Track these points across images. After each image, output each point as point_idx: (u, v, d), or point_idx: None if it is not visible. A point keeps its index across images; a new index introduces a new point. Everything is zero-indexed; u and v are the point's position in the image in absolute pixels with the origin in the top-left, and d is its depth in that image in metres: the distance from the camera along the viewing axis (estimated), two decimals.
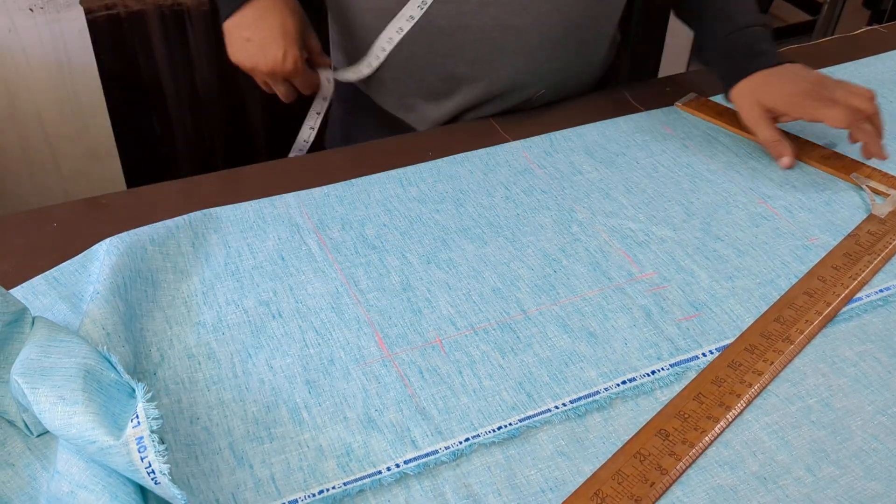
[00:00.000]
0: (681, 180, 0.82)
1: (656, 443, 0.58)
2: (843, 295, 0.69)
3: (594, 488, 0.54)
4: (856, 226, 0.77)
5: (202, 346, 0.63)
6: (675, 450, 0.57)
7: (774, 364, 0.63)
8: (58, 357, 0.52)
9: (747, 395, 0.60)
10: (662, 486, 0.55)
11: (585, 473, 0.55)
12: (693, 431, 0.58)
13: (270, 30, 0.82)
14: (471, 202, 0.79)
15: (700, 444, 0.57)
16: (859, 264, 0.72)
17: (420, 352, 0.63)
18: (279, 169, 0.83)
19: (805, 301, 0.68)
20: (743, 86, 0.85)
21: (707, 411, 0.59)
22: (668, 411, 0.60)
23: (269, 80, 0.85)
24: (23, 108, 1.39)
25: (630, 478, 0.55)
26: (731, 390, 0.61)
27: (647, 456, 0.57)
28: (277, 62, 0.82)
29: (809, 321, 0.66)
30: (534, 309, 0.67)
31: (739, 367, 0.63)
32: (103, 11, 1.36)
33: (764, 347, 0.64)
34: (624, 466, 0.56)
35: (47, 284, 0.66)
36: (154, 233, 0.69)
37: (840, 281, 0.70)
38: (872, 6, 2.20)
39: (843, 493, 0.54)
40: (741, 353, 0.64)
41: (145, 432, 0.48)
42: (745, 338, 0.65)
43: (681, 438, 0.57)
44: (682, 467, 0.56)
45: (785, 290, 0.69)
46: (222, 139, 1.59)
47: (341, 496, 0.53)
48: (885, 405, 0.60)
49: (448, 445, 0.56)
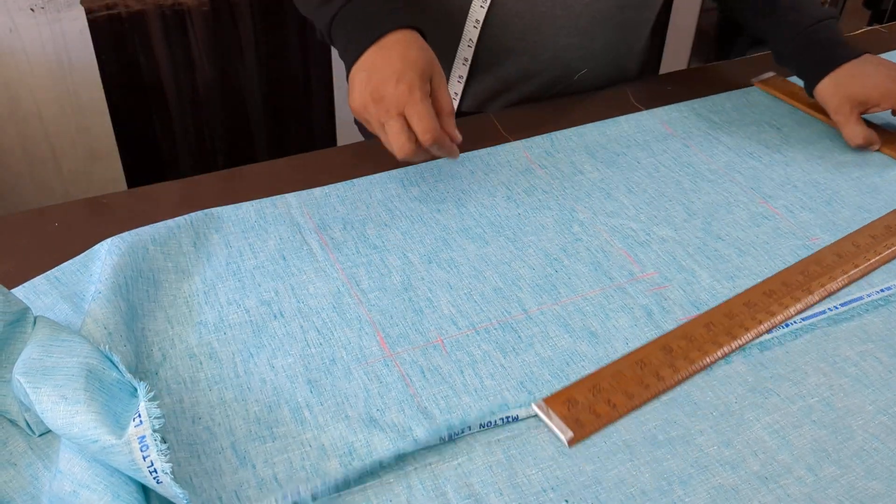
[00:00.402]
0: (682, 180, 0.82)
1: (659, 355, 0.63)
2: (872, 261, 0.71)
3: (593, 382, 0.61)
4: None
5: (204, 345, 0.63)
6: (675, 363, 0.61)
7: (789, 309, 0.66)
8: (60, 356, 0.52)
9: (756, 330, 0.64)
10: (656, 390, 0.60)
11: (587, 473, 0.55)
12: (696, 352, 0.62)
13: (388, 60, 0.71)
14: (472, 202, 0.79)
15: (701, 363, 0.61)
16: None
17: (421, 351, 0.63)
18: (280, 168, 0.83)
19: (833, 261, 0.71)
20: (830, 80, 0.86)
21: (714, 337, 0.63)
22: (676, 332, 0.64)
23: (384, 118, 0.70)
24: (23, 107, 1.39)
25: (627, 378, 0.61)
26: (741, 324, 0.64)
27: (647, 364, 0.62)
28: (389, 88, 0.69)
29: (833, 278, 0.68)
30: (535, 308, 0.67)
31: (754, 307, 0.66)
32: (104, 11, 1.36)
33: (781, 293, 0.67)
34: (624, 369, 0.62)
35: (49, 284, 0.66)
36: (155, 232, 0.70)
37: (874, 248, 0.72)
38: (873, 6, 2.20)
39: (844, 492, 0.54)
40: (759, 295, 0.67)
41: (147, 431, 0.48)
42: (767, 283, 0.69)
43: (683, 355, 0.62)
44: (678, 378, 0.61)
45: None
46: (223, 139, 1.60)
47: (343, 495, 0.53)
48: (887, 405, 0.60)
49: (451, 434, 0.56)
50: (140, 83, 1.46)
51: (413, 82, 0.69)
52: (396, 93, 0.68)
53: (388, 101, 0.69)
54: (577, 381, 0.61)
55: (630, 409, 0.59)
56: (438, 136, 0.69)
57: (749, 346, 0.64)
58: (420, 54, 0.71)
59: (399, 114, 0.69)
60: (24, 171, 1.46)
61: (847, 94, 0.85)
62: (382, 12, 0.73)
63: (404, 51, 0.71)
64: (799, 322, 0.66)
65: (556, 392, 0.60)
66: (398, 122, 0.69)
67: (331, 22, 0.75)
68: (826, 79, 0.87)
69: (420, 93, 0.69)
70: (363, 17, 0.74)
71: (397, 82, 0.68)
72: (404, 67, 0.69)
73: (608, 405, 0.59)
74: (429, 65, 0.71)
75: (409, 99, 0.68)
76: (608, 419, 0.58)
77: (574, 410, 0.59)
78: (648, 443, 0.57)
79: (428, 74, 0.70)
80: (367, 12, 0.74)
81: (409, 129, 0.69)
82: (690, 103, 0.95)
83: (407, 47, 0.71)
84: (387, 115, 0.69)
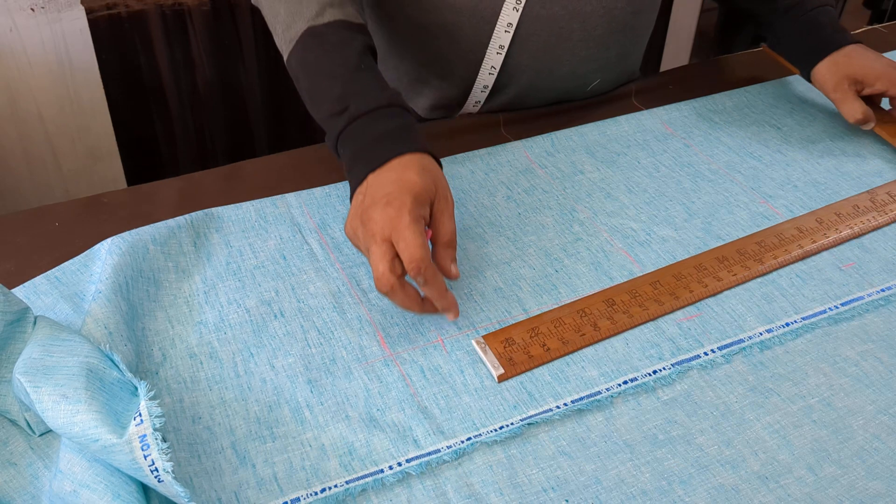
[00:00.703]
0: (682, 180, 0.82)
1: (601, 307, 0.66)
2: (831, 238, 0.72)
3: (533, 325, 0.64)
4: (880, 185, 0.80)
5: (204, 345, 0.63)
6: (614, 317, 0.64)
7: (738, 276, 0.68)
8: (60, 356, 0.52)
9: (700, 293, 0.67)
10: (590, 339, 0.63)
11: (587, 472, 0.55)
12: (637, 308, 0.65)
13: (383, 183, 0.64)
14: (472, 202, 0.79)
15: (640, 319, 0.64)
16: (862, 218, 0.75)
17: (422, 351, 0.63)
18: (280, 164, 0.83)
19: (793, 235, 0.73)
20: (828, 61, 0.88)
21: (657, 296, 0.66)
22: (621, 287, 0.67)
23: (368, 242, 0.63)
24: (24, 107, 1.39)
25: (566, 325, 0.64)
26: (687, 286, 0.67)
27: (587, 314, 0.65)
28: (377, 210, 0.62)
29: (788, 251, 0.70)
30: (535, 308, 0.67)
31: (704, 271, 0.69)
32: (104, 11, 1.36)
33: (734, 261, 0.70)
34: (565, 316, 0.65)
35: (49, 284, 0.66)
36: (156, 232, 0.70)
37: (836, 227, 0.74)
38: (873, 6, 2.20)
39: (844, 492, 0.54)
40: (711, 260, 0.70)
41: (148, 430, 0.48)
42: (721, 249, 0.71)
43: (624, 309, 0.64)
44: (614, 330, 0.64)
45: (786, 289, 0.69)
46: (223, 139, 1.59)
47: (343, 495, 0.53)
48: (887, 405, 0.60)
49: (450, 445, 0.56)
50: (140, 83, 1.46)
51: (403, 205, 0.61)
52: (384, 216, 0.61)
53: (373, 224, 0.62)
54: (518, 323, 0.64)
55: (562, 353, 0.62)
56: (426, 269, 0.60)
57: (749, 346, 0.64)
58: (419, 178, 0.64)
59: (384, 239, 0.61)
60: (24, 170, 1.46)
61: (845, 72, 0.87)
62: (391, 134, 0.67)
63: (402, 173, 0.64)
64: (799, 321, 0.66)
65: (496, 331, 0.64)
66: (381, 248, 0.61)
67: (337, 138, 0.70)
68: (824, 61, 0.89)
69: (409, 217, 0.61)
70: (371, 138, 0.67)
71: (386, 205, 0.62)
72: (397, 190, 0.63)
73: (542, 348, 0.62)
74: (427, 189, 0.64)
75: (397, 223, 0.61)
76: (540, 361, 0.62)
77: (509, 350, 0.62)
78: (649, 442, 0.57)
79: (426, 199, 0.63)
80: (376, 133, 0.67)
81: (396, 257, 0.61)
82: (691, 102, 0.95)
83: (406, 169, 0.64)
84: (371, 239, 0.62)
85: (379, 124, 0.68)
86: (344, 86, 0.69)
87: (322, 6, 0.73)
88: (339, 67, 0.70)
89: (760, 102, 0.96)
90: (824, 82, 0.89)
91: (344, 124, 0.69)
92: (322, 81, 0.71)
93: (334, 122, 0.69)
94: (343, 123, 0.69)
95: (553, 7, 0.81)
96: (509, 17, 0.81)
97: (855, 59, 0.87)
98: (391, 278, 0.60)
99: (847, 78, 0.87)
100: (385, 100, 0.69)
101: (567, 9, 0.81)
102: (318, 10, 0.73)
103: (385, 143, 0.66)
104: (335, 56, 0.71)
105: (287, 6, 0.74)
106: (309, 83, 0.72)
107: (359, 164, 0.67)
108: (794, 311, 0.68)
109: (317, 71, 0.71)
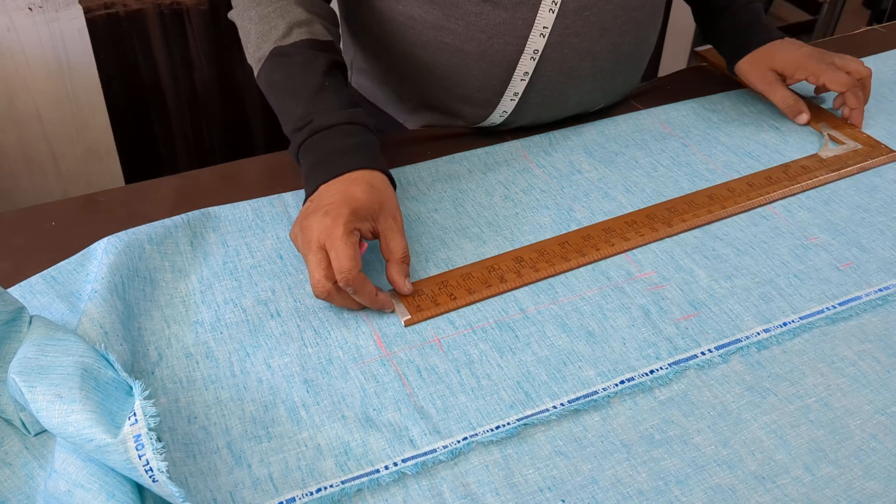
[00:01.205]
0: (680, 179, 0.82)
1: (509, 263, 0.70)
2: (741, 205, 0.76)
3: (442, 279, 0.68)
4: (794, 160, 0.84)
5: (200, 345, 0.63)
6: (521, 271, 0.68)
7: (644, 237, 0.73)
8: (55, 355, 0.52)
9: (606, 251, 0.71)
10: (496, 290, 0.67)
11: (584, 473, 0.55)
12: (544, 263, 0.69)
13: (327, 194, 0.66)
14: (469, 201, 0.78)
15: (545, 273, 0.68)
16: (773, 187, 0.79)
17: (418, 351, 0.63)
18: (277, 163, 0.83)
19: (703, 201, 0.77)
20: (752, 56, 0.92)
21: (564, 254, 0.70)
22: (531, 247, 0.71)
23: (305, 250, 0.65)
24: (22, 107, 1.39)
25: (474, 279, 0.68)
26: (594, 245, 0.71)
27: (495, 269, 0.69)
28: (315, 219, 0.64)
29: (697, 216, 0.75)
30: (532, 308, 0.67)
31: (612, 232, 0.73)
32: (102, 10, 1.36)
33: (641, 224, 0.74)
34: (474, 271, 0.69)
35: (45, 283, 0.66)
36: (152, 231, 0.69)
37: (747, 195, 0.77)
38: (872, 6, 2.20)
39: (841, 492, 0.54)
40: (621, 224, 0.74)
41: (143, 430, 0.48)
42: (632, 215, 0.75)
43: (531, 266, 0.68)
44: (520, 283, 0.67)
45: (784, 289, 0.69)
46: (221, 138, 1.59)
47: (339, 495, 0.53)
48: (884, 404, 0.60)
49: (446, 444, 0.56)
50: (138, 82, 1.46)
51: (339, 216, 0.63)
52: (320, 225, 0.63)
53: (310, 231, 0.64)
54: (428, 277, 0.68)
55: (468, 302, 0.66)
56: (353, 279, 0.62)
57: (747, 346, 0.64)
58: (364, 194, 0.66)
59: (319, 247, 0.63)
60: (23, 170, 1.45)
61: (766, 65, 0.90)
62: (348, 149, 0.70)
63: (348, 186, 0.66)
64: (797, 321, 0.66)
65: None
66: (316, 256, 0.63)
67: (298, 148, 0.72)
68: (746, 57, 0.92)
69: (343, 229, 0.62)
70: (328, 150, 0.70)
71: (324, 215, 0.64)
72: (338, 201, 0.65)
73: (449, 297, 0.66)
74: (369, 205, 0.65)
75: (331, 233, 0.63)
76: (445, 308, 0.65)
77: (418, 299, 0.66)
78: (645, 442, 0.57)
79: (365, 214, 0.65)
80: (333, 146, 0.70)
81: (330, 265, 0.63)
82: (689, 102, 0.95)
83: (353, 184, 0.67)
84: (307, 246, 0.64)
85: (337, 140, 0.71)
86: (306, 106, 0.73)
87: (289, 27, 0.76)
88: (302, 88, 0.73)
89: (759, 102, 0.96)
90: (748, 75, 0.92)
91: (305, 137, 0.72)
92: (287, 101, 0.74)
93: (296, 136, 0.73)
94: (304, 136, 0.72)
95: (564, 49, 0.81)
96: (526, 67, 0.81)
97: (777, 53, 0.90)
98: (326, 284, 0.63)
99: (769, 69, 0.90)
100: (345, 117, 0.72)
101: (577, 50, 0.81)
102: (286, 31, 0.76)
103: (341, 157, 0.69)
104: (299, 77, 0.74)
105: (257, 27, 0.77)
106: (275, 100, 0.76)
107: (314, 173, 0.69)
108: (791, 310, 0.67)
109: (282, 90, 0.75)
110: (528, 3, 0.77)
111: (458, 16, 0.79)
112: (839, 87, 0.87)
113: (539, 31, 0.78)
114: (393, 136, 0.90)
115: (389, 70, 0.91)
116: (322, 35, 0.77)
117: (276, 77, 0.75)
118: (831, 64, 0.88)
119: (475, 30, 0.79)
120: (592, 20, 0.80)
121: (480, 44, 0.80)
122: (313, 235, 0.64)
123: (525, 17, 0.78)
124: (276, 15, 0.76)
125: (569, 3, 0.78)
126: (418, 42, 0.83)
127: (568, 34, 0.79)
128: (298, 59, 0.74)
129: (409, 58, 0.85)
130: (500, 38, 0.79)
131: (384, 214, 0.67)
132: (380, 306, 0.65)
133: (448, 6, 0.79)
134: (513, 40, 0.79)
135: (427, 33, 0.82)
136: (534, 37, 0.79)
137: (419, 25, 0.82)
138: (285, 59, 0.75)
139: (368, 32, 0.89)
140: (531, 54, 0.80)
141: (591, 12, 0.79)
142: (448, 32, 0.81)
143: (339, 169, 0.68)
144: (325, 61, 0.75)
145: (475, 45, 0.80)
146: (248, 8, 0.78)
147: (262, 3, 0.77)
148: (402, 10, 0.82)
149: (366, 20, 0.88)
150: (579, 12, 0.79)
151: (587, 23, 0.80)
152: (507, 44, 0.80)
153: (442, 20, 0.80)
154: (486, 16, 0.78)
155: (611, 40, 0.83)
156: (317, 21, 0.77)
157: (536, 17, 0.78)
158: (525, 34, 0.79)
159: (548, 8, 0.77)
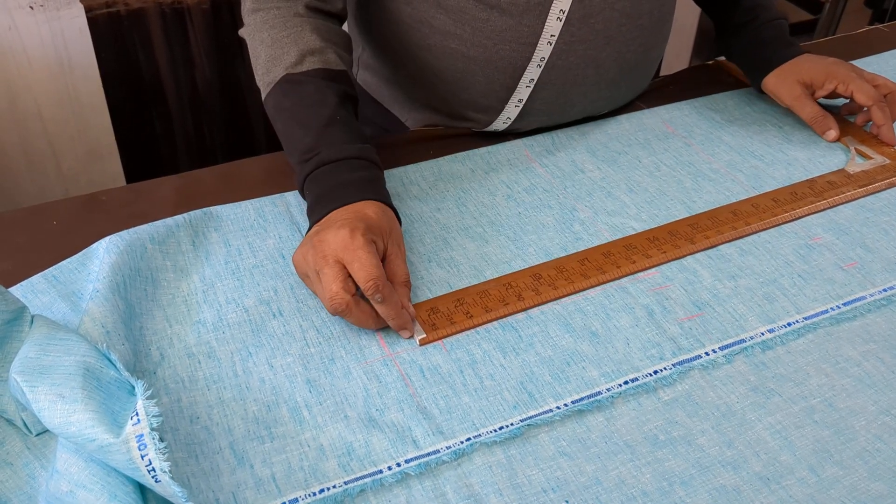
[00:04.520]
0: (683, 179, 0.82)
1: (527, 280, 0.68)
2: (766, 221, 0.74)
3: (458, 297, 0.66)
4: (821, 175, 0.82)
5: (202, 344, 0.62)
6: (539, 289, 0.66)
7: (667, 254, 0.70)
8: (57, 355, 0.52)
9: (628, 269, 0.69)
10: (514, 308, 0.65)
11: (588, 473, 0.55)
12: (563, 281, 0.67)
13: (339, 214, 0.65)
14: (472, 201, 0.78)
15: (565, 291, 0.65)
16: (799, 203, 0.77)
17: (421, 351, 0.63)
18: (279, 163, 0.82)
19: (727, 217, 0.75)
20: (779, 71, 0.91)
21: (584, 272, 0.68)
22: (549, 264, 0.69)
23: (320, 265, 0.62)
24: (23, 106, 1.39)
25: (491, 296, 0.66)
26: (615, 263, 0.69)
27: (513, 286, 0.67)
28: (330, 233, 0.62)
29: (720, 232, 0.73)
30: (535, 308, 0.67)
31: (633, 250, 0.71)
32: (103, 9, 1.36)
33: (664, 241, 0.72)
34: (491, 288, 0.67)
35: (47, 283, 0.66)
36: (154, 231, 0.69)
37: (772, 212, 0.76)
38: (874, 5, 2.20)
39: (846, 493, 0.54)
40: (643, 240, 0.72)
41: (145, 430, 0.47)
42: (653, 231, 0.73)
43: (550, 283, 0.66)
44: (539, 301, 0.66)
45: (788, 289, 0.69)
46: (223, 137, 1.59)
47: (342, 496, 0.53)
48: (889, 405, 0.60)
49: (449, 445, 0.56)
50: (139, 81, 1.45)
51: (357, 228, 0.62)
52: (336, 237, 0.61)
53: (325, 245, 0.61)
54: (445, 294, 0.67)
55: (485, 321, 0.64)
56: (384, 287, 0.60)
57: (751, 346, 0.64)
58: (376, 215, 0.65)
59: (336, 260, 0.61)
60: (24, 169, 1.45)
61: (795, 79, 0.89)
62: (356, 183, 0.68)
63: (360, 208, 0.66)
64: (801, 322, 0.66)
65: (423, 301, 0.66)
66: (333, 269, 0.60)
67: (304, 179, 0.70)
68: (773, 72, 0.91)
69: (363, 238, 0.61)
70: (337, 183, 0.68)
71: (339, 228, 0.62)
72: (352, 217, 0.63)
73: (465, 315, 0.65)
74: (381, 225, 0.65)
75: (350, 244, 0.61)
76: (462, 327, 0.64)
77: (433, 317, 0.65)
78: (649, 443, 0.57)
79: (379, 232, 0.64)
80: (342, 179, 0.69)
81: (348, 276, 0.61)
82: (692, 102, 0.95)
83: (363, 208, 0.66)
84: (323, 261, 0.61)
85: (345, 173, 0.69)
86: (315, 139, 0.71)
87: (302, 54, 0.74)
88: (312, 119, 0.72)
89: (762, 101, 0.95)
90: (777, 91, 0.91)
91: (312, 168, 0.70)
92: (295, 130, 0.72)
93: (303, 167, 0.71)
94: (311, 168, 0.70)
95: (570, 57, 0.80)
96: (532, 74, 0.81)
97: (803, 66, 0.89)
98: (346, 297, 0.60)
99: (798, 83, 0.89)
100: (354, 152, 0.70)
101: (583, 57, 0.81)
102: (298, 58, 0.74)
103: (350, 189, 0.68)
104: (310, 108, 0.72)
105: (268, 51, 0.75)
106: (282, 127, 0.74)
107: (322, 202, 0.68)
108: (795, 310, 0.67)
109: (291, 118, 0.73)
110: (535, 10, 0.77)
111: (465, 21, 0.79)
112: (866, 99, 0.86)
113: (547, 39, 0.78)
114: (396, 135, 0.90)
115: (395, 70, 0.91)
116: (335, 64, 0.75)
117: (286, 105, 0.73)
118: (858, 75, 0.87)
119: (481, 36, 0.79)
120: (598, 28, 0.80)
121: (486, 50, 0.80)
122: (328, 249, 0.61)
123: (531, 25, 0.78)
124: (289, 41, 0.74)
125: (575, 10, 0.77)
126: (425, 45, 0.83)
127: (574, 42, 0.79)
128: (310, 88, 0.72)
129: (416, 60, 0.85)
130: (507, 44, 0.79)
131: (392, 240, 0.66)
132: (403, 321, 0.63)
133: (455, 12, 0.79)
134: (519, 47, 0.79)
135: (434, 37, 0.81)
136: (541, 44, 0.79)
137: (427, 29, 0.81)
138: (296, 87, 0.73)
139: (377, 31, 0.89)
140: (538, 62, 0.80)
141: (596, 20, 0.79)
142: (455, 38, 0.80)
143: (348, 199, 0.67)
144: (336, 93, 0.73)
145: (481, 51, 0.80)
146: (261, 29, 0.76)
147: (275, 26, 0.75)
148: (410, 12, 0.82)
149: (375, 19, 0.88)
150: (585, 20, 0.78)
151: (592, 30, 0.79)
152: (512, 51, 0.79)
153: (449, 25, 0.80)
154: (493, 22, 0.78)
155: (616, 48, 0.82)
156: (330, 49, 0.75)
157: (545, 25, 0.78)
158: (532, 41, 0.79)
159: (556, 16, 0.77)
